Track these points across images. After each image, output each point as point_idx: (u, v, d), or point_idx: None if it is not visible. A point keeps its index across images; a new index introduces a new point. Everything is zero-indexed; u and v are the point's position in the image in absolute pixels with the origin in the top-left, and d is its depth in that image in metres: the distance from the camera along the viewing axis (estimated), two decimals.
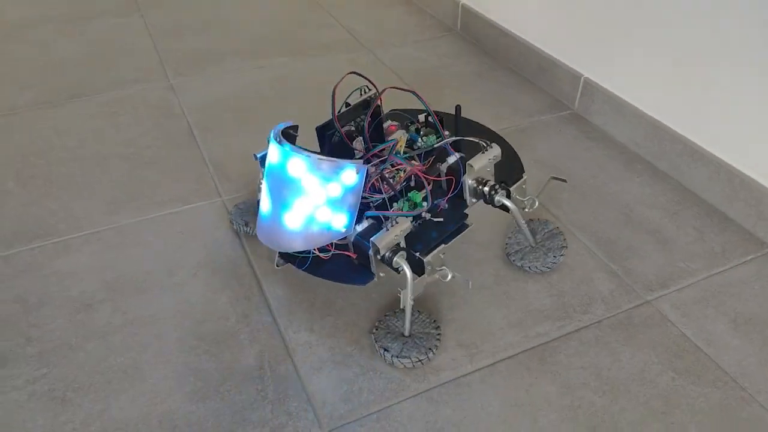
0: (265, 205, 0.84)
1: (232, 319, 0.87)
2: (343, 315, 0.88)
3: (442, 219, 0.85)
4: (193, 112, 1.34)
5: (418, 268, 0.79)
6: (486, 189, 0.87)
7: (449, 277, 0.79)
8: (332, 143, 0.92)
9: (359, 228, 0.80)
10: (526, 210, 0.92)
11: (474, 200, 0.89)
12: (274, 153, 0.81)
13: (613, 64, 1.25)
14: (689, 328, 0.87)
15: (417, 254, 0.78)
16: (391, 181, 0.85)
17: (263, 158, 0.88)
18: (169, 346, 0.83)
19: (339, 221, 0.79)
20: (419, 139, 0.93)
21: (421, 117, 0.96)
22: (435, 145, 0.91)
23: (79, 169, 1.16)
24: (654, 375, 0.80)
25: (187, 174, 1.15)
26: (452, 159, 0.86)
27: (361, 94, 0.93)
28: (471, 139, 0.90)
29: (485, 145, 0.88)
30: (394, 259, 0.77)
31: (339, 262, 0.83)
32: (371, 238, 0.77)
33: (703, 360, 0.82)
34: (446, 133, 0.93)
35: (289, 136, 0.84)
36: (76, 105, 1.36)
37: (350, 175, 0.77)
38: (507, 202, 0.86)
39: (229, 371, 0.80)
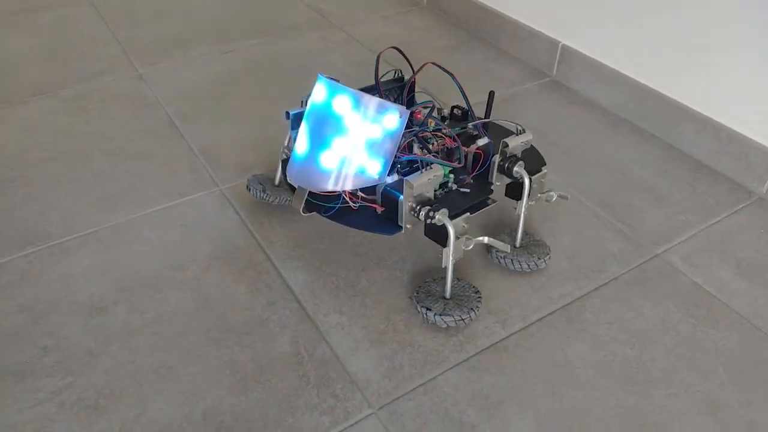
0: (302, 146, 0.85)
1: (257, 308, 0.85)
2: (369, 294, 0.88)
3: (468, 190, 0.86)
4: (170, 101, 1.29)
5: (440, 234, 0.80)
6: (507, 164, 0.86)
7: (471, 245, 0.80)
8: None
9: (389, 180, 0.80)
10: (546, 201, 0.91)
11: (498, 183, 0.89)
12: (320, 92, 0.84)
13: (589, 29, 1.28)
14: (699, 276, 0.91)
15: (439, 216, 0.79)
16: (426, 144, 0.85)
17: (296, 115, 0.88)
18: (197, 341, 0.81)
19: (374, 167, 0.80)
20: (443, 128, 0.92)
21: (446, 111, 0.95)
22: (470, 125, 0.91)
23: (61, 168, 1.09)
24: (675, 323, 0.84)
25: (177, 165, 1.11)
26: (482, 141, 0.87)
27: (394, 76, 0.95)
28: (504, 122, 0.92)
29: (519, 128, 0.88)
30: (436, 216, 0.77)
31: (365, 214, 0.83)
32: (406, 177, 0.77)
33: (717, 305, 0.87)
34: (478, 120, 0.92)
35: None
36: (40, 102, 1.28)
37: (392, 118, 0.79)
38: (525, 177, 0.85)
39: (266, 360, 0.78)
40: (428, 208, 0.78)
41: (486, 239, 0.84)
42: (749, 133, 1.05)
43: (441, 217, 0.77)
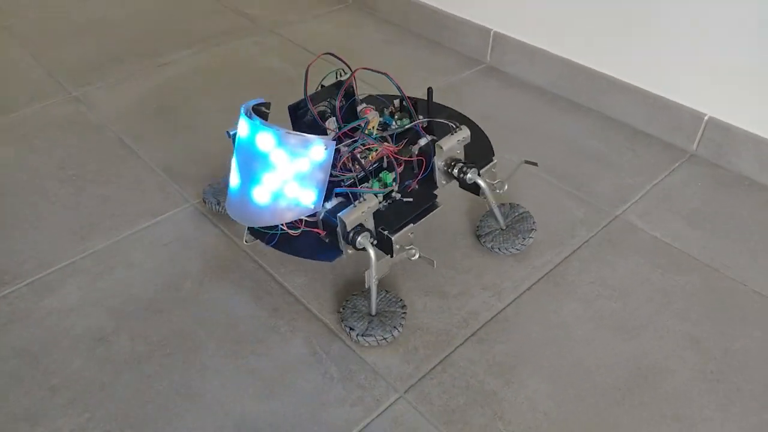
0: (235, 180, 0.84)
1: (263, 315, 0.86)
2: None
3: (411, 199, 0.86)
4: (115, 121, 1.24)
5: (387, 246, 0.80)
6: (455, 171, 0.87)
7: (416, 255, 0.80)
8: (304, 122, 0.93)
9: (328, 205, 0.81)
10: (498, 191, 0.91)
11: (444, 182, 0.89)
12: (243, 127, 0.81)
13: (518, 14, 1.37)
14: (656, 231, 1.02)
15: (386, 233, 0.79)
16: (362, 160, 0.86)
17: (235, 136, 0.87)
18: (212, 356, 0.81)
19: (307, 197, 0.80)
20: (393, 123, 0.94)
21: (396, 102, 0.96)
22: (406, 127, 0.92)
23: (18, 203, 1.04)
24: (646, 274, 0.94)
25: (142, 186, 1.08)
26: (423, 141, 0.87)
27: (337, 77, 0.94)
28: (440, 120, 0.90)
29: (454, 126, 0.88)
30: (358, 239, 0.77)
31: (308, 240, 0.83)
32: (338, 214, 0.77)
33: (677, 254, 0.97)
34: (420, 117, 0.93)
35: (260, 112, 0.84)
36: None
37: (319, 150, 0.78)
38: (479, 180, 0.86)
39: (285, 364, 0.80)
40: (353, 233, 0.77)
41: (416, 254, 0.81)
42: (676, 98, 1.17)
43: (362, 240, 0.78)
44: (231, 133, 0.89)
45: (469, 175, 0.86)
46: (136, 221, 1.01)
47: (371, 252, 0.77)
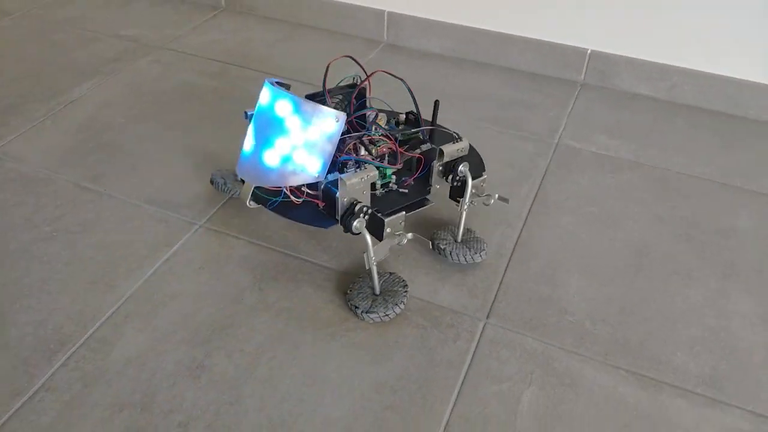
0: (248, 144, 0.92)
1: (335, 297, 0.93)
2: (408, 256, 1.01)
3: (407, 191, 0.95)
4: (57, 168, 1.16)
5: (378, 228, 0.86)
6: (451, 167, 0.93)
7: (404, 241, 0.87)
8: None
9: (330, 177, 0.87)
10: (485, 204, 0.96)
11: (438, 186, 0.96)
12: (265, 95, 0.90)
13: None
14: (590, 147, 1.26)
15: (379, 214, 0.85)
16: (370, 147, 0.93)
17: (251, 116, 0.94)
18: (314, 345, 0.86)
19: (313, 165, 0.87)
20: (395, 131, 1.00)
21: (402, 116, 1.02)
22: (413, 131, 0.99)
23: (11, 273, 0.95)
24: (602, 180, 1.17)
25: (135, 222, 1.05)
26: (426, 147, 0.96)
27: (353, 80, 1.02)
28: (446, 129, 0.99)
29: (456, 137, 0.95)
30: (354, 224, 0.84)
31: (307, 209, 0.90)
32: (340, 175, 0.84)
33: (614, 160, 1.22)
34: (422, 127, 0.99)
35: (281, 86, 0.92)
36: None
37: (330, 122, 0.86)
38: (468, 178, 0.93)
39: (380, 329, 0.88)
40: (358, 208, 0.84)
41: (410, 235, 0.88)
42: (562, 41, 1.43)
43: (358, 225, 0.84)
44: (249, 113, 0.95)
45: (461, 168, 0.93)
46: (154, 257, 0.99)
47: (367, 236, 0.85)
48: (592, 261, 1.01)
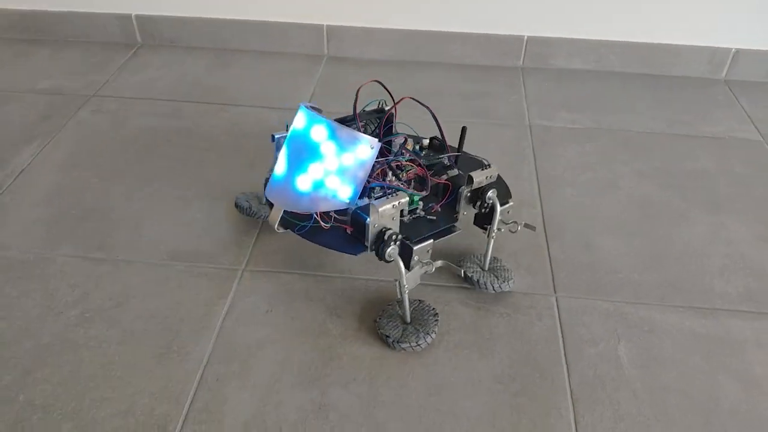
0: (281, 167, 0.92)
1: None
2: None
3: (435, 218, 0.93)
4: (51, 245, 1.04)
5: (406, 256, 0.85)
6: (479, 195, 0.92)
7: (433, 269, 0.88)
8: None
9: (360, 203, 0.87)
10: (511, 231, 0.98)
11: (465, 212, 0.95)
12: (301, 119, 0.91)
13: (344, 4, 1.54)
14: (558, 123, 1.38)
15: (408, 241, 0.85)
16: (398, 171, 0.94)
17: (280, 139, 0.95)
18: (437, 352, 0.88)
19: (345, 192, 0.86)
20: (422, 155, 1.01)
21: (426, 141, 1.03)
22: (441, 157, 1.00)
23: (62, 364, 0.84)
24: (582, 149, 1.30)
25: (172, 283, 0.98)
26: (453, 172, 0.97)
27: (378, 105, 1.03)
28: (474, 156, 1.01)
29: (486, 164, 0.95)
30: (387, 251, 0.83)
31: (336, 234, 0.89)
32: (371, 201, 0.83)
33: (583, 130, 1.36)
34: (448, 153, 1.01)
35: (314, 110, 0.92)
36: None
37: (365, 149, 0.87)
38: (497, 204, 0.93)
39: (472, 326, 0.92)
40: (391, 234, 0.83)
41: (440, 263, 0.91)
42: (499, 31, 1.54)
43: (392, 252, 0.83)
44: (277, 136, 0.95)
45: (489, 194, 0.93)
46: (213, 312, 0.93)
47: (401, 263, 0.84)
48: (609, 221, 1.12)
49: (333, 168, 0.87)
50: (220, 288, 0.98)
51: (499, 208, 0.94)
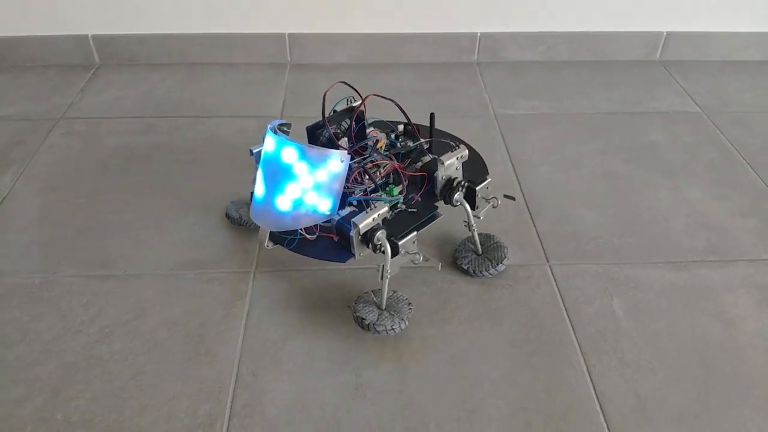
0: (260, 190, 0.95)
1: (438, 294, 1.01)
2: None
3: (415, 210, 0.95)
4: (51, 266, 1.03)
5: (393, 251, 0.89)
6: (447, 193, 0.95)
7: (420, 259, 0.91)
8: (320, 142, 1.05)
9: (342, 213, 0.90)
10: (493, 207, 0.99)
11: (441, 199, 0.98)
12: (270, 143, 0.92)
13: (301, 14, 1.59)
14: (520, 110, 1.48)
15: (392, 238, 0.89)
16: (372, 174, 0.95)
17: (258, 153, 0.96)
18: (443, 337, 0.94)
19: (324, 205, 0.89)
20: (398, 145, 1.05)
21: (400, 127, 1.07)
22: (412, 146, 1.04)
23: (92, 380, 0.85)
24: (549, 133, 1.40)
25: (190, 290, 1.00)
26: (427, 158, 1.00)
27: (347, 103, 1.06)
28: (444, 140, 1.03)
29: (454, 145, 0.98)
30: (376, 235, 0.87)
31: (323, 244, 0.92)
32: (353, 219, 0.86)
33: (546, 115, 1.46)
34: (421, 140, 1.04)
35: (282, 131, 0.95)
36: None
37: (336, 163, 0.88)
38: (465, 202, 0.96)
39: (483, 302, 0.99)
40: (378, 234, 0.87)
41: (421, 257, 0.92)
42: (454, 30, 1.62)
43: (380, 235, 0.87)
44: (254, 150, 0.97)
45: (456, 196, 0.96)
46: (233, 314, 0.96)
47: (388, 247, 0.88)
48: (583, 195, 1.22)
49: (309, 185, 0.89)
50: (235, 290, 1.00)
51: (468, 208, 0.96)
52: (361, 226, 0.85)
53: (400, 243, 0.89)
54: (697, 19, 1.65)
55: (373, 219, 0.87)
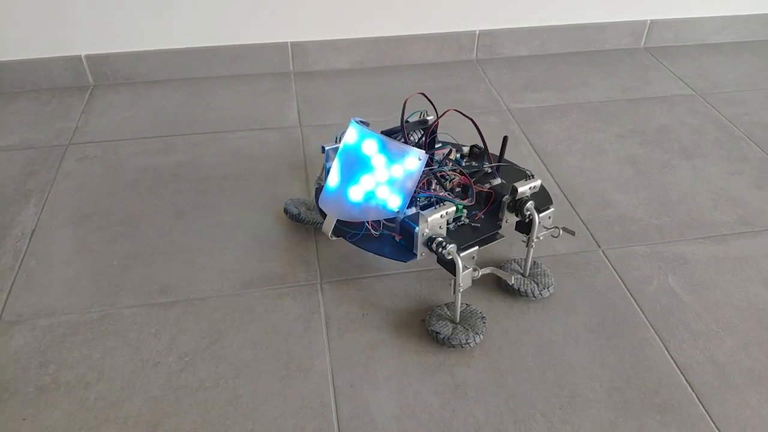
0: (334, 179, 0.98)
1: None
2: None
3: (479, 225, 0.97)
4: (106, 300, 0.99)
5: (451, 263, 0.89)
6: (518, 204, 0.94)
7: (479, 274, 0.90)
8: None
9: (408, 212, 0.92)
10: (552, 236, 1.02)
11: (507, 220, 0.97)
12: (352, 134, 0.97)
13: (310, 23, 1.57)
14: (529, 103, 1.52)
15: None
16: (442, 181, 0.98)
17: (329, 150, 1.01)
18: (525, 327, 0.96)
19: (394, 201, 0.92)
20: (462, 164, 1.07)
21: (465, 149, 1.09)
22: (485, 166, 1.06)
23: (188, 410, 0.82)
24: (560, 122, 1.45)
25: (262, 308, 0.98)
26: (495, 181, 1.02)
27: (420, 116, 1.08)
28: (518, 167, 1.06)
29: (530, 174, 0.97)
30: (447, 249, 0.86)
31: (385, 241, 0.94)
32: (421, 212, 0.87)
33: (553, 107, 1.51)
34: (487, 164, 1.06)
35: (363, 124, 0.99)
36: None
37: (413, 161, 0.91)
38: (535, 215, 0.94)
39: (557, 294, 1.02)
40: (441, 240, 0.87)
41: (491, 269, 0.95)
42: (454, 29, 1.65)
43: (450, 250, 0.86)
44: (327, 147, 1.00)
45: (527, 206, 0.94)
46: (312, 327, 0.95)
47: (459, 261, 0.87)
48: (614, 179, 1.27)
49: (383, 179, 0.92)
50: (307, 304, 0.99)
51: (537, 219, 0.95)
52: (429, 219, 0.86)
53: (461, 255, 0.88)
54: (677, 6, 1.74)
55: (441, 216, 0.88)
